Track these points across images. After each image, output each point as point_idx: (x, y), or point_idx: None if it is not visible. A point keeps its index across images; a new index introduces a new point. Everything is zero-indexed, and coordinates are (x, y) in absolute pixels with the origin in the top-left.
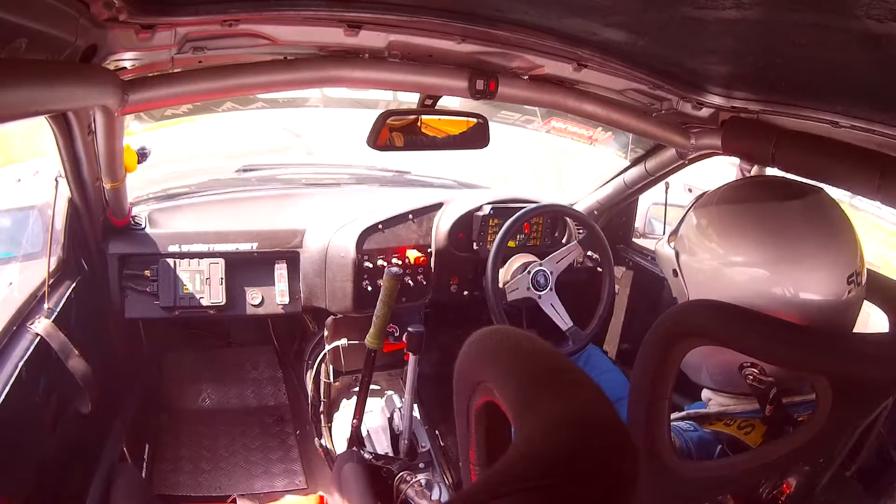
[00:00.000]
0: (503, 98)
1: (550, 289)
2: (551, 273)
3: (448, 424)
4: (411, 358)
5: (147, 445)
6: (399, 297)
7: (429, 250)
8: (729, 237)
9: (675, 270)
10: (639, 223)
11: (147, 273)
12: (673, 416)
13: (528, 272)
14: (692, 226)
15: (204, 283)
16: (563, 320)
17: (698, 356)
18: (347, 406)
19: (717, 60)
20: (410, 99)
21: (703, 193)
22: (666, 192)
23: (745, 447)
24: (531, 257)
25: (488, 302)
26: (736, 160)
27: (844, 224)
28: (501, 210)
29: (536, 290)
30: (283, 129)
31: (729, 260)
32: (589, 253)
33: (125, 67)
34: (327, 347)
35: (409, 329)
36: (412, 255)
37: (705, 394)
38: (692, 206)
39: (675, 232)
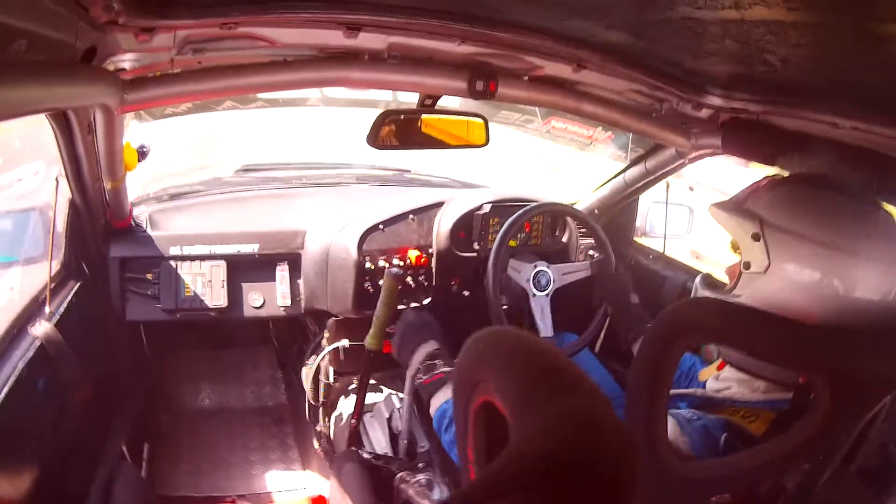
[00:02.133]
0: (503, 98)
1: (547, 295)
2: (553, 280)
3: None
4: None
5: (147, 445)
6: (400, 298)
7: (430, 250)
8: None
9: (756, 234)
10: (639, 222)
11: (149, 276)
12: (672, 392)
13: (534, 266)
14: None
15: (206, 286)
16: (545, 328)
17: None
18: (346, 406)
19: (717, 61)
20: (410, 98)
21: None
22: (667, 192)
23: (749, 436)
24: (536, 257)
25: (489, 302)
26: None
27: None
28: (501, 209)
29: (535, 288)
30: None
31: (794, 254)
32: (590, 252)
33: (125, 68)
34: (328, 348)
35: None
36: (413, 255)
37: (715, 384)
38: (779, 183)
39: (746, 197)
